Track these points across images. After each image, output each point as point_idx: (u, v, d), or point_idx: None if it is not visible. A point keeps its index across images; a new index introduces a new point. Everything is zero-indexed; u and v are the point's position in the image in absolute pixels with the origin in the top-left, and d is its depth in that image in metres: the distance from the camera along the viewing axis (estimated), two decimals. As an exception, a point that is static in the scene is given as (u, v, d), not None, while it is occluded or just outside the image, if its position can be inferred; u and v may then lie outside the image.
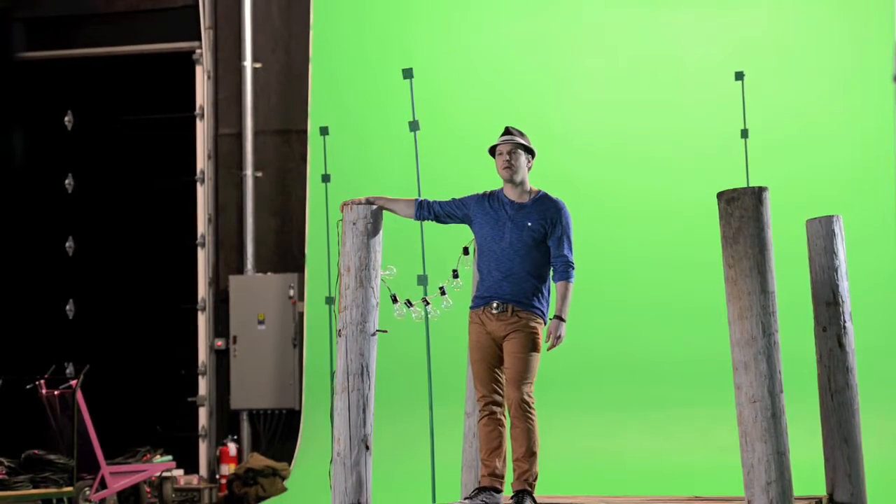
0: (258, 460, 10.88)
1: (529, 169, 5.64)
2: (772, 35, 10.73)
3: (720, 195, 4.97)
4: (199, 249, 11.89)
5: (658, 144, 10.62)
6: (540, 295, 5.51)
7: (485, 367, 5.50)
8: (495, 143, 5.62)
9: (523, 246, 5.48)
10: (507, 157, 5.55)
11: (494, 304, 5.48)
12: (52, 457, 9.27)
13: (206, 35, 11.99)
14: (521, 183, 5.60)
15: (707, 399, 9.75)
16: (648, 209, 10.49)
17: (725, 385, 5.46)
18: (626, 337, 10.31)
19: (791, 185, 10.04)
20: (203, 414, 11.76)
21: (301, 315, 11.33)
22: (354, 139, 11.05)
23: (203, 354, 11.79)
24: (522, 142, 5.59)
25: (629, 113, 10.69)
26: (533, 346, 5.43)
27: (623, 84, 10.77)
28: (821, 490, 5.87)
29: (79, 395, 9.29)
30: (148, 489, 10.18)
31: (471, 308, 5.61)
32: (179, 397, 11.90)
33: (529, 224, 5.50)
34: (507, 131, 5.64)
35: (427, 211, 5.64)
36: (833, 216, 5.88)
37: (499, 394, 5.51)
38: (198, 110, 11.97)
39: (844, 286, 5.81)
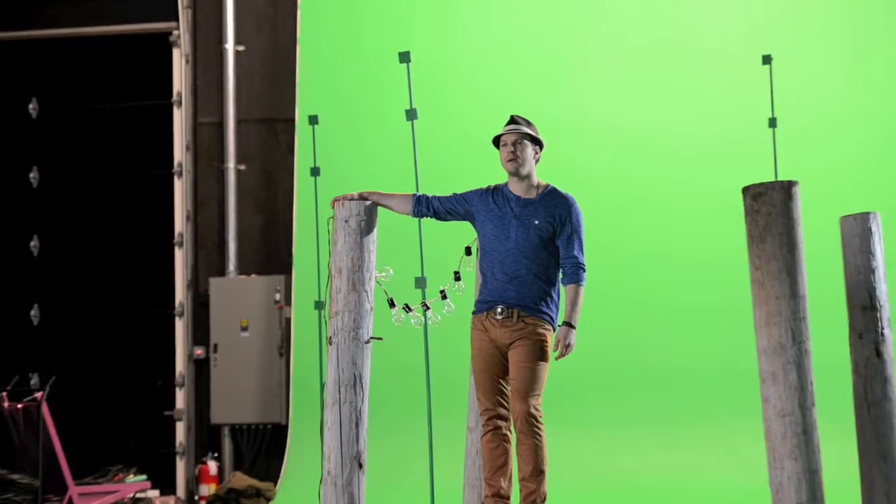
0: (241, 480, 10.88)
1: (537, 161, 5.66)
2: (801, 14, 10.72)
3: (746, 190, 4.97)
4: (177, 249, 11.89)
5: (677, 135, 10.63)
6: (548, 299, 5.52)
7: (488, 377, 5.51)
8: (500, 133, 5.63)
9: (530, 245, 5.50)
10: (513, 149, 5.56)
11: (499, 309, 5.49)
12: (14, 476, 9.26)
13: (183, 15, 11.99)
14: (528, 176, 5.61)
15: (732, 412, 9.75)
16: (666, 205, 10.49)
17: (752, 397, 5.47)
18: (642, 344, 10.31)
19: (824, 179, 10.04)
20: (180, 429, 11.76)
21: (288, 321, 11.33)
22: (346, 129, 11.05)
23: (180, 364, 11.79)
24: (529, 132, 5.60)
25: (645, 100, 10.69)
26: (540, 355, 5.44)
27: (638, 69, 10.77)
28: (856, 511, 5.88)
29: (44, 409, 9.29)
30: (120, 511, 10.19)
31: (473, 313, 5.63)
32: (155, 411, 11.89)
33: (536, 222, 5.51)
34: (513, 120, 5.66)
35: (425, 207, 5.65)
36: (870, 213, 5.88)
37: (504, 407, 5.52)
38: (175, 97, 11.97)
39: (882, 289, 5.81)
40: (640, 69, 10.79)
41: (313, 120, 8.76)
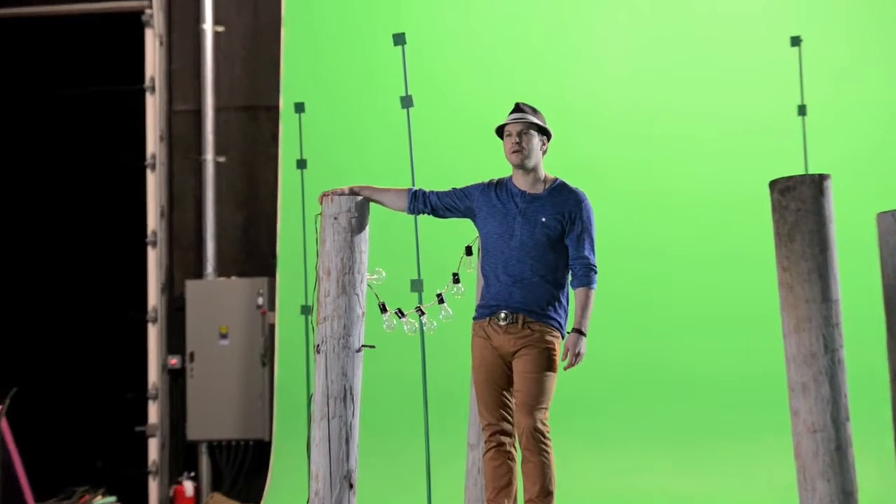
0: (220, 502, 10.86)
1: (544, 153, 5.65)
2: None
3: (773, 184, 4.97)
4: (150, 249, 11.87)
5: (698, 124, 10.61)
6: (556, 303, 5.51)
7: (491, 389, 5.51)
8: (504, 122, 5.62)
9: (536, 245, 5.49)
10: (518, 139, 5.56)
11: (502, 315, 5.49)
12: (-29, 497, 9.25)
13: (157, -8, 11.99)
14: (534, 169, 5.60)
15: (757, 427, 9.74)
16: (686, 201, 10.48)
17: (780, 411, 5.46)
18: (659, 353, 10.29)
19: (858, 172, 10.03)
20: (153, 446, 11.74)
21: (272, 327, 11.32)
22: (336, 117, 11.04)
23: (154, 374, 11.77)
24: (536, 121, 5.59)
25: (663, 86, 10.68)
26: (548, 365, 5.44)
27: (655, 51, 10.75)
28: (895, 536, 5.88)
29: (3, 424, 9.27)
30: (87, 536, 10.18)
31: (474, 319, 5.62)
32: (125, 426, 11.88)
33: (544, 219, 5.51)
34: (518, 108, 5.65)
35: (422, 203, 5.64)
36: (909, 209, 5.88)
37: (508, 421, 5.51)
38: (148, 82, 11.95)
39: (923, 292, 5.80)
40: (658, 51, 10.78)
41: (299, 108, 8.74)
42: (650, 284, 10.36)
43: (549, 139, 5.67)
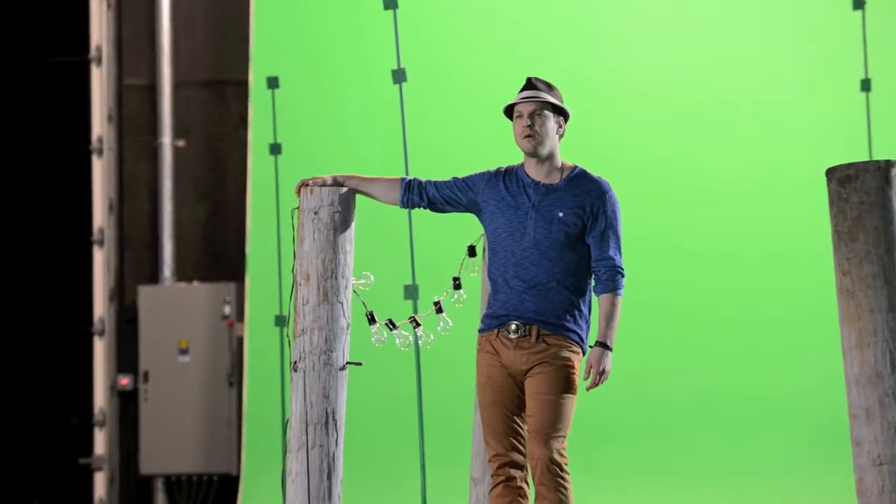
0: (179, 547, 10.87)
1: (561, 137, 5.66)
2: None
3: (830, 172, 4.98)
4: (96, 249, 11.88)
5: (740, 101, 10.60)
6: (577, 313, 5.53)
7: (499, 414, 5.52)
8: (513, 101, 5.63)
9: (553, 244, 5.50)
10: (530, 122, 5.57)
11: (513, 326, 5.50)
12: None
13: (104, -54, 11.99)
14: (550, 157, 5.62)
15: (812, 459, 9.75)
16: (727, 191, 10.47)
17: (839, 440, 5.47)
18: (698, 371, 10.29)
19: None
20: (101, 481, 11.75)
21: (240, 341, 11.33)
22: (315, 94, 11.04)
23: (100, 397, 11.78)
24: (551, 99, 5.61)
25: (700, 57, 10.66)
26: (566, 385, 5.46)
27: (687, 15, 10.74)
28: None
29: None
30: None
31: (480, 331, 5.63)
32: (67, 458, 11.88)
33: (561, 214, 5.52)
34: (530, 84, 5.66)
35: (418, 195, 5.66)
36: None
37: (519, 452, 5.52)
38: (93, 52, 11.96)
39: None
40: (692, 14, 10.76)
41: (273, 83, 8.76)
42: (685, 289, 10.35)
43: (566, 120, 5.67)
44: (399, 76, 6.62)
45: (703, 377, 10.27)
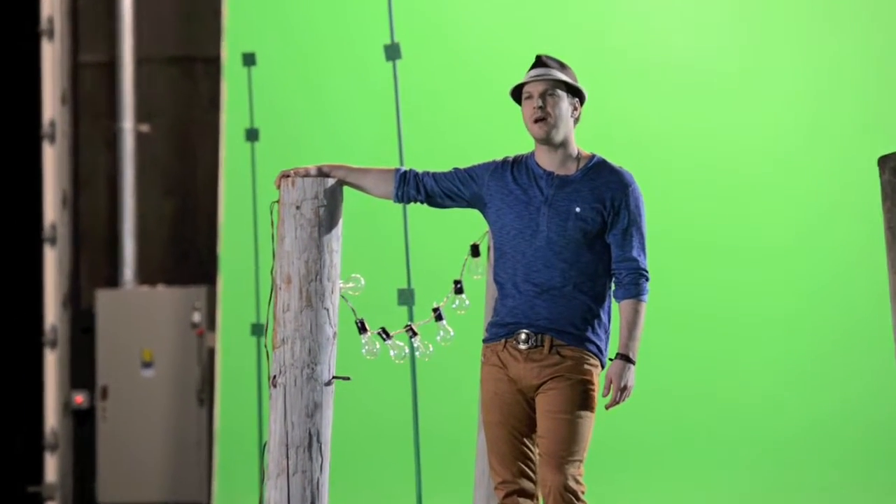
0: (142, 585, 10.87)
1: (577, 121, 5.66)
2: None
3: (883, 161, 4.97)
4: (48, 247, 11.89)
5: (780, 78, 10.60)
6: (595, 321, 5.53)
7: (507, 435, 5.52)
8: (521, 81, 5.63)
9: (569, 244, 5.50)
10: (541, 104, 5.57)
11: (523, 336, 5.50)
12: None
13: None
14: (564, 143, 5.61)
15: (868, 488, 9.75)
16: (764, 183, 10.47)
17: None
18: (735, 388, 10.28)
19: None
20: (53, 511, 11.76)
21: (211, 353, 11.34)
22: (297, 73, 11.05)
23: (52, 417, 11.78)
24: (564, 78, 5.61)
25: (729, 29, 10.66)
26: (583, 402, 5.46)
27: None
28: None
29: None
30: None
31: (485, 342, 5.64)
32: (14, 485, 11.89)
33: (578, 209, 5.52)
34: (540, 62, 5.66)
35: (414, 187, 5.66)
36: None
37: (528, 478, 5.53)
38: (44, 24, 11.96)
39: None
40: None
41: (249, 60, 8.75)
42: (719, 294, 10.35)
43: (581, 102, 5.67)
44: (393, 52, 6.61)
45: (741, 396, 10.25)
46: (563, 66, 5.65)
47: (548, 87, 5.58)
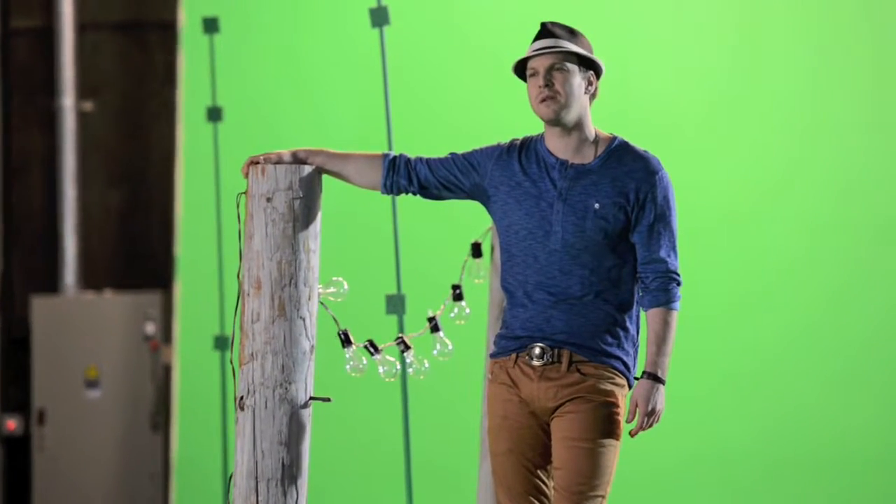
0: None
1: (593, 98, 5.66)
2: None
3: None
4: (-25, 247, 11.92)
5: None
6: (621, 333, 5.54)
7: (517, 465, 5.54)
8: (526, 54, 5.63)
9: (588, 246, 5.51)
10: (549, 80, 5.56)
11: (537, 351, 5.50)
12: None
13: None
14: (578, 125, 5.61)
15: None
16: (811, 179, 10.52)
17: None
18: (783, 414, 10.32)
19: None
20: (-17, 555, 11.79)
21: (168, 370, 11.35)
22: (266, 41, 11.07)
23: (-18, 444, 11.81)
24: (574, 48, 5.60)
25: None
26: (607, 429, 5.47)
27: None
28: None
29: None
30: None
31: (491, 356, 5.64)
32: (-61, 524, 11.91)
33: (597, 205, 5.52)
34: (547, 32, 5.65)
35: (405, 177, 5.66)
36: None
37: (542, 516, 5.55)
38: (-30, -13, 11.99)
39: None
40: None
41: (210, 26, 8.76)
42: (760, 302, 10.39)
43: (598, 76, 5.67)
44: (379, 17, 6.62)
45: (789, 423, 10.30)
46: (573, 34, 5.63)
47: (555, 61, 5.56)
